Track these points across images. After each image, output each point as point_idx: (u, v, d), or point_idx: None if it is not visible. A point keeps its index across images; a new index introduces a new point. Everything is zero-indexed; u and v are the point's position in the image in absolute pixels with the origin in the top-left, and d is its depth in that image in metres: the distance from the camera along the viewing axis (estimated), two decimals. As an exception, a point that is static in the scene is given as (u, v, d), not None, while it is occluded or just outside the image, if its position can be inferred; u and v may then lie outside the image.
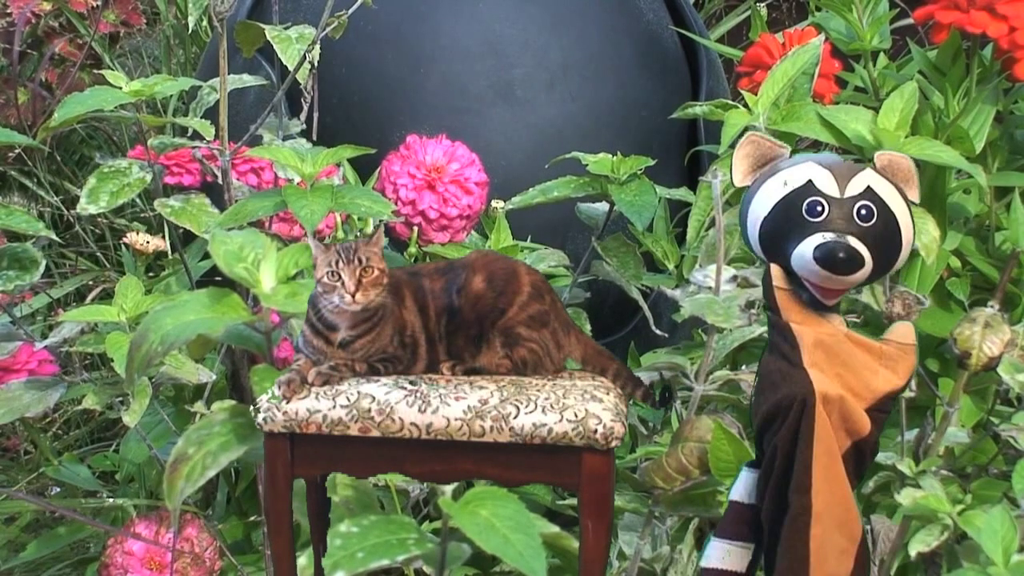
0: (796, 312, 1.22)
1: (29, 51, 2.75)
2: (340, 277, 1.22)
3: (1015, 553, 1.24)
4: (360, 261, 1.22)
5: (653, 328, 1.71)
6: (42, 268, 1.57)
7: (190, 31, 2.50)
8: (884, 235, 1.21)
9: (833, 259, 1.18)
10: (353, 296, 1.22)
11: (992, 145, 1.80)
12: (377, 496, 1.55)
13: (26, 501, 1.86)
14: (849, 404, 1.21)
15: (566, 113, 2.03)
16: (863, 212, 1.20)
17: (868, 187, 1.21)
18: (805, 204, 1.20)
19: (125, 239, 2.03)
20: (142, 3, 2.87)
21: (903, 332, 1.26)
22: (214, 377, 1.57)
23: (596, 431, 1.20)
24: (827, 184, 1.21)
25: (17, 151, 2.68)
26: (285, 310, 1.34)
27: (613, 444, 1.20)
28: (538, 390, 1.23)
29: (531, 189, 1.69)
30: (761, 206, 1.22)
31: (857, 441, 1.22)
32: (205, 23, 2.74)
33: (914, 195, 1.23)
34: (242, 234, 1.39)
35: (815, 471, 1.21)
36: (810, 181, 1.21)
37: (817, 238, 1.19)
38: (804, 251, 1.19)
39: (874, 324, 1.64)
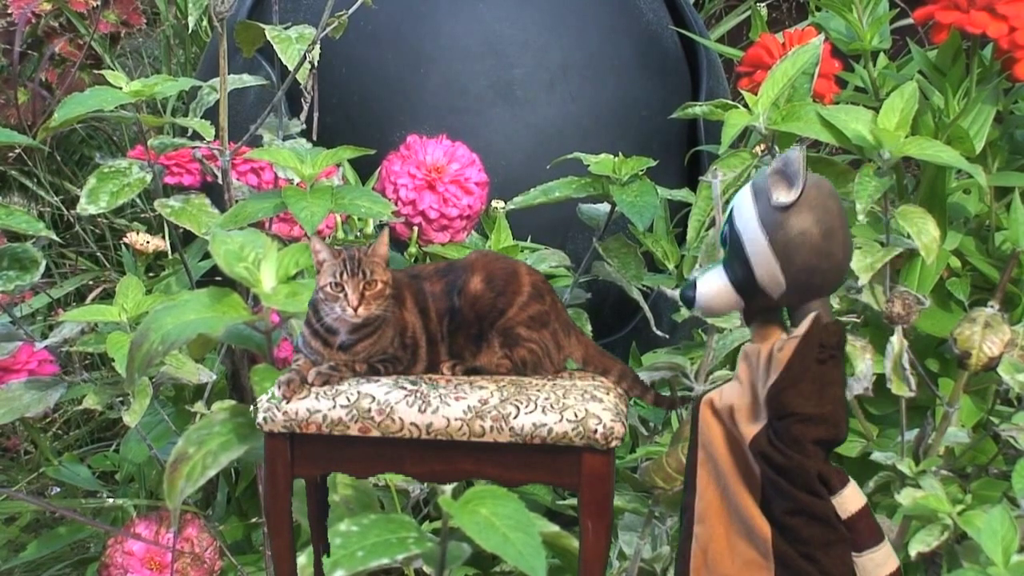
0: (758, 334, 1.21)
1: (29, 51, 2.75)
2: (344, 289, 1.22)
3: (1015, 553, 1.24)
4: (364, 274, 1.23)
5: (653, 328, 1.71)
6: (42, 268, 1.57)
7: (190, 31, 2.50)
8: (734, 253, 1.17)
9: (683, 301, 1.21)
10: (356, 310, 1.22)
11: (992, 145, 1.80)
12: (377, 496, 1.55)
13: (26, 501, 1.86)
14: (736, 416, 1.20)
15: (566, 113, 2.03)
16: (723, 239, 1.18)
17: (731, 209, 1.17)
18: None
19: (125, 239, 2.03)
20: (142, 3, 2.87)
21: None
22: (214, 377, 1.57)
23: (596, 431, 1.20)
24: None
25: (17, 151, 2.68)
26: (285, 310, 1.34)
27: (613, 444, 1.20)
28: (538, 390, 1.23)
29: (532, 189, 1.69)
30: None
31: (750, 448, 1.20)
32: (205, 23, 2.74)
33: (788, 194, 1.13)
34: (242, 234, 1.39)
35: (698, 473, 1.21)
36: None
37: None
38: None
39: (874, 324, 1.64)
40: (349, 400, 1.22)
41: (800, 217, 1.13)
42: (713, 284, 1.18)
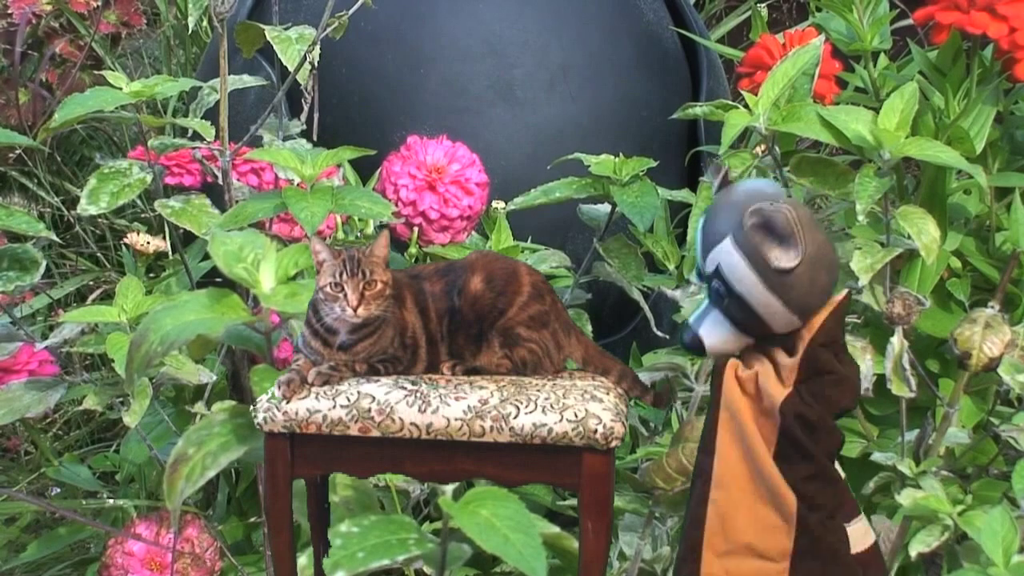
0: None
1: (30, 52, 2.75)
2: (343, 289, 1.22)
3: (1015, 553, 1.24)
4: (364, 274, 1.23)
5: (654, 329, 1.71)
6: (42, 269, 1.57)
7: (190, 32, 2.50)
8: (739, 311, 1.19)
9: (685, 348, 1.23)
10: (355, 310, 1.22)
11: (992, 146, 1.79)
12: (377, 496, 1.55)
13: (26, 502, 1.86)
14: (763, 379, 1.20)
15: (566, 113, 2.03)
16: (718, 292, 1.19)
17: (716, 266, 1.18)
18: None
19: (125, 239, 2.03)
20: (142, 4, 2.87)
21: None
22: (214, 378, 1.57)
23: (596, 431, 1.20)
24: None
25: (17, 152, 2.68)
26: (285, 310, 1.34)
27: (613, 444, 1.20)
28: (538, 390, 1.23)
29: (533, 190, 1.69)
30: None
31: (782, 409, 1.20)
32: (205, 23, 2.74)
33: (788, 256, 1.16)
34: (242, 235, 1.39)
35: (719, 434, 1.21)
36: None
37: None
38: None
39: (874, 324, 1.64)
40: (349, 400, 1.22)
41: (806, 268, 1.16)
42: (719, 333, 1.20)
